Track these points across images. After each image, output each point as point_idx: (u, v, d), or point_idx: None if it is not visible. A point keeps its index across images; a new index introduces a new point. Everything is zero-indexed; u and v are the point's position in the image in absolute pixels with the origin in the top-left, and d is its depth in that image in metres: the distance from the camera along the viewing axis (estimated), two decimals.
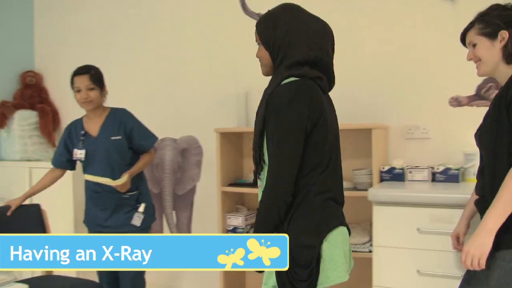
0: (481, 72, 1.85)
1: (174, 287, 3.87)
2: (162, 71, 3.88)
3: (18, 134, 4.25)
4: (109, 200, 2.82)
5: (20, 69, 4.53)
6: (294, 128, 1.61)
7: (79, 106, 2.89)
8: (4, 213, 2.85)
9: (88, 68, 2.87)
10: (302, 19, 1.73)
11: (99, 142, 2.82)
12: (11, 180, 4.12)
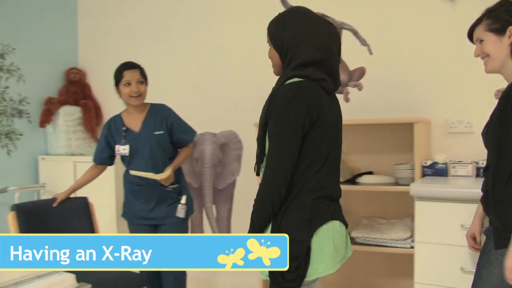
0: (488, 69, 1.84)
1: (213, 282, 3.92)
2: (203, 66, 3.92)
3: (63, 130, 4.37)
4: (152, 193, 2.87)
5: (65, 66, 4.66)
6: (291, 126, 1.70)
7: (125, 101, 2.93)
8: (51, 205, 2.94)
9: (135, 63, 2.94)
10: (309, 21, 1.81)
11: (143, 138, 2.87)
12: (57, 173, 4.24)
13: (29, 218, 2.77)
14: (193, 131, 3.04)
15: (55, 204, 2.94)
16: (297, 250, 1.71)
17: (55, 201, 2.96)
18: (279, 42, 1.84)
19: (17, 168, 4.29)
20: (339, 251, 1.85)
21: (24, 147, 4.32)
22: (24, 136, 4.31)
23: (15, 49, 4.20)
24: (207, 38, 3.90)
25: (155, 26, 4.21)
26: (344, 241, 1.91)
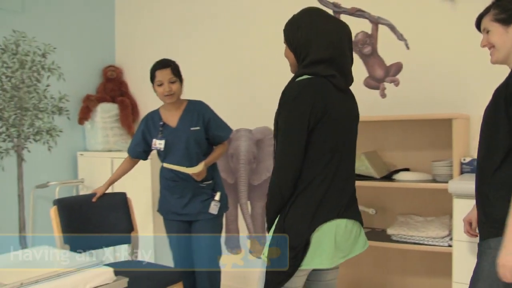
0: (494, 59, 1.83)
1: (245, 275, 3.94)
2: (238, 62, 3.93)
3: (101, 126, 4.46)
4: (186, 189, 2.90)
5: (102, 64, 4.75)
6: (296, 123, 1.79)
7: (160, 99, 2.98)
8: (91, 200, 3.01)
9: (167, 61, 2.95)
10: (321, 21, 1.91)
11: (179, 133, 2.91)
12: (95, 169, 4.34)
13: (70, 213, 2.84)
14: (229, 128, 3.05)
15: (95, 199, 3.01)
16: (295, 242, 1.81)
17: (95, 196, 3.02)
18: (293, 42, 1.95)
19: (57, 163, 4.41)
20: (342, 248, 1.91)
21: (63, 144, 4.43)
22: (64, 132, 4.41)
23: (55, 49, 4.31)
24: (243, 34, 3.91)
25: (190, 23, 4.24)
26: (351, 238, 1.96)
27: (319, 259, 1.84)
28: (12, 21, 4.06)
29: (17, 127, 4.08)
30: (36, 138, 4.21)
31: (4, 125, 3.99)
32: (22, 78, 4.09)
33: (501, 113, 1.69)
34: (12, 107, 4.03)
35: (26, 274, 1.93)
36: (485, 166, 1.76)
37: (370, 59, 3.26)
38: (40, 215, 4.25)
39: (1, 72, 3.96)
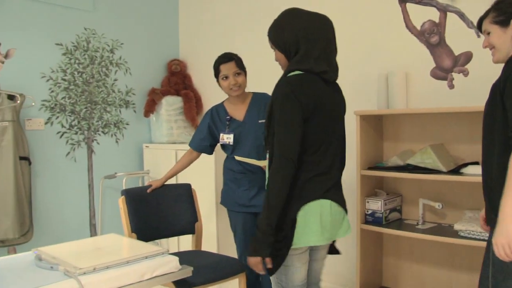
0: (495, 59, 1.93)
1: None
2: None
3: (165, 119, 4.57)
4: (254, 181, 2.90)
5: (167, 58, 4.86)
6: (293, 114, 1.89)
7: (226, 93, 2.98)
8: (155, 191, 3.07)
9: (231, 55, 2.95)
10: (304, 19, 2.01)
11: (247, 126, 2.91)
12: (160, 161, 4.45)
13: (137, 203, 2.92)
14: None
15: (150, 190, 3.04)
16: (282, 222, 1.92)
17: (150, 187, 3.06)
18: (282, 44, 2.03)
19: (124, 155, 4.56)
20: (327, 228, 2.00)
21: (130, 136, 4.58)
22: (130, 125, 4.56)
23: (122, 44, 4.45)
24: None
25: (252, 17, 4.26)
26: (336, 220, 2.05)
27: (306, 237, 1.95)
28: (84, 20, 4.23)
29: (88, 120, 4.25)
30: (105, 131, 4.38)
31: (76, 118, 4.17)
32: (92, 73, 4.25)
33: (498, 107, 1.78)
34: (83, 101, 4.20)
35: (98, 260, 2.01)
36: (487, 157, 1.87)
37: (437, 49, 3.15)
38: (108, 204, 4.42)
39: (73, 68, 4.14)
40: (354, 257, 3.26)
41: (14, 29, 3.83)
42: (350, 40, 3.58)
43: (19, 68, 3.84)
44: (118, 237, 2.56)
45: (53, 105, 4.05)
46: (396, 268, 3.34)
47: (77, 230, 4.23)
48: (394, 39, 3.33)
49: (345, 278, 3.68)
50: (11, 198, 3.62)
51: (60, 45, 4.08)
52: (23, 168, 3.76)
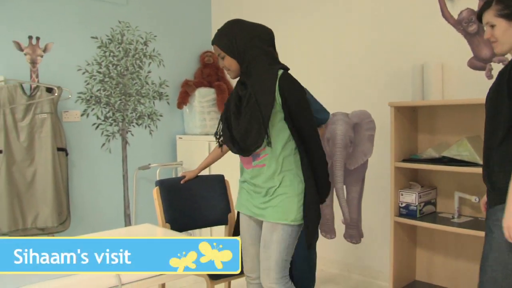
0: (498, 51, 1.96)
1: (353, 264, 3.91)
2: (335, 44, 3.88)
3: (198, 110, 4.60)
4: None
5: (200, 50, 4.88)
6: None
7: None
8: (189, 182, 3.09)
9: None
10: (252, 27, 2.23)
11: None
12: (193, 152, 4.49)
13: (171, 194, 2.95)
14: (327, 112, 3.01)
15: (184, 181, 3.06)
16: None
17: (184, 178, 3.07)
18: (235, 50, 2.15)
19: (157, 146, 4.61)
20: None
21: (163, 127, 4.63)
22: (164, 117, 4.61)
23: (156, 37, 4.49)
24: (341, 14, 3.84)
25: (286, 8, 4.24)
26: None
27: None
28: (118, 13, 4.28)
29: (122, 112, 4.31)
30: (139, 122, 4.43)
31: (110, 110, 4.24)
32: (126, 65, 4.31)
33: (503, 94, 1.83)
34: (117, 93, 4.26)
35: None
36: (490, 142, 1.94)
37: (476, 38, 3.07)
38: (142, 195, 4.49)
39: (108, 60, 4.20)
40: (386, 250, 3.23)
41: (51, 24, 3.91)
42: (384, 31, 3.53)
43: (57, 62, 3.92)
44: (152, 227, 2.60)
45: (88, 97, 4.12)
46: (430, 262, 3.30)
47: (112, 220, 4.31)
48: (430, 29, 3.27)
49: (377, 271, 3.65)
50: (50, 188, 3.72)
51: (96, 38, 4.15)
52: (61, 159, 3.85)
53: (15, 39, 3.70)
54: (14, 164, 3.65)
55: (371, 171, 3.65)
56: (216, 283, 2.53)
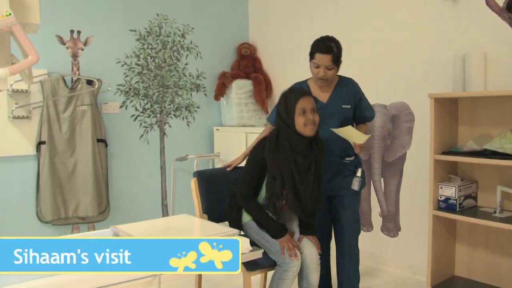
0: None
1: (390, 257, 3.87)
2: (373, 34, 3.82)
3: (235, 102, 4.61)
4: (330, 164, 2.85)
5: (236, 42, 4.89)
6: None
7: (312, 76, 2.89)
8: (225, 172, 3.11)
9: (330, 47, 2.73)
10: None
11: (330, 109, 2.82)
12: (230, 143, 4.51)
13: (208, 184, 2.97)
14: (373, 110, 2.96)
15: (230, 169, 3.06)
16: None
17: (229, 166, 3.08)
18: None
19: (195, 138, 4.66)
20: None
21: (201, 119, 4.66)
22: (201, 108, 4.64)
23: (193, 29, 4.52)
24: (380, 4, 3.78)
25: (322, 1, 4.20)
26: None
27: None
28: (156, 6, 4.33)
29: (160, 104, 4.36)
30: (176, 114, 4.48)
31: (149, 102, 4.30)
32: (164, 57, 4.36)
33: None
34: (155, 85, 4.32)
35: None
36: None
37: None
38: (179, 185, 4.55)
39: (146, 53, 4.25)
40: (425, 244, 3.17)
41: (92, 18, 3.99)
42: (424, 20, 3.45)
43: (97, 55, 4.00)
44: (190, 218, 2.62)
45: (127, 89, 4.19)
46: (470, 258, 3.22)
47: (150, 210, 4.38)
48: (472, 17, 3.18)
49: (415, 265, 3.60)
50: (90, 178, 3.81)
51: (134, 31, 4.20)
52: (100, 150, 3.93)
53: (57, 33, 3.79)
54: (56, 155, 3.76)
55: (410, 164, 3.59)
56: (253, 274, 2.54)
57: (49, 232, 3.81)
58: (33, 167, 3.77)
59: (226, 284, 3.54)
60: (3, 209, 3.68)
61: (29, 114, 3.71)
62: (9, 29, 1.65)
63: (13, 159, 3.71)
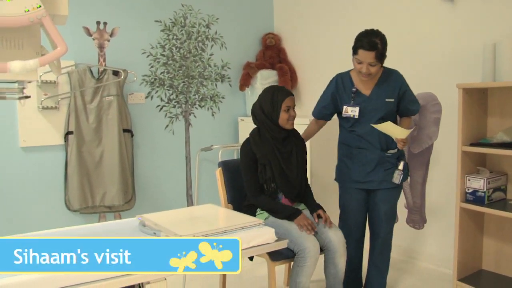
0: None
1: (416, 250, 3.84)
2: (401, 25, 3.76)
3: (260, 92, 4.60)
4: (372, 157, 2.82)
5: (261, 32, 4.88)
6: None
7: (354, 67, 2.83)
8: None
9: (374, 44, 2.66)
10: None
11: (372, 102, 2.79)
12: None
13: (233, 175, 2.99)
14: (418, 103, 2.91)
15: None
16: None
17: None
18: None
19: (219, 128, 4.68)
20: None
21: (225, 109, 4.66)
22: (226, 99, 4.64)
23: (218, 19, 4.51)
24: None
25: None
26: None
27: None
28: None
29: (185, 94, 4.38)
30: (201, 104, 4.49)
31: (174, 92, 4.31)
32: (189, 48, 4.36)
33: None
34: (180, 75, 4.33)
35: (197, 228, 2.09)
36: None
37: None
38: (204, 175, 4.57)
39: (171, 43, 4.26)
40: (451, 237, 3.13)
41: (118, 9, 4.02)
42: (453, 8, 3.38)
43: (123, 46, 4.04)
44: (215, 207, 2.64)
45: (152, 80, 4.21)
46: (498, 252, 3.17)
47: (175, 199, 4.42)
48: (503, 4, 3.10)
49: (440, 258, 3.57)
50: (116, 168, 3.86)
51: (159, 22, 4.21)
52: (126, 140, 3.98)
53: (84, 25, 3.83)
54: (83, 144, 3.81)
55: (436, 155, 3.54)
56: (277, 264, 2.55)
57: (77, 220, 3.89)
58: (62, 157, 3.84)
59: (251, 274, 3.56)
60: (33, 197, 3.77)
61: (57, 105, 3.77)
62: (40, 21, 1.67)
63: (42, 148, 3.78)
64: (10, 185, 3.70)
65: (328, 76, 3.08)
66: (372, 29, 2.73)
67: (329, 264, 2.64)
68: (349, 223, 2.95)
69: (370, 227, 2.98)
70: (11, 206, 3.70)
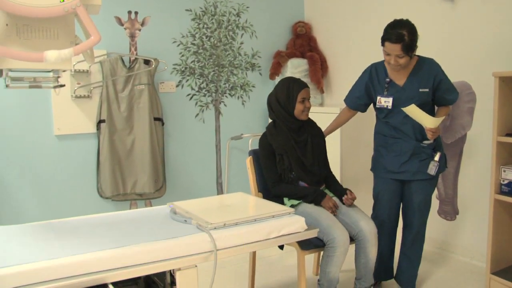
0: None
1: (448, 242, 3.79)
2: (434, 12, 3.69)
3: None
4: (406, 147, 2.78)
5: (292, 20, 4.84)
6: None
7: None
8: None
9: (401, 36, 2.58)
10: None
11: (406, 93, 2.74)
12: None
13: None
14: (457, 92, 2.82)
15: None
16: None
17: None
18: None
19: (249, 117, 4.68)
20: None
21: (255, 98, 4.67)
22: (256, 87, 4.65)
23: (248, 8, 4.50)
24: None
25: None
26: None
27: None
28: None
29: (215, 83, 4.40)
30: (231, 93, 4.51)
31: (204, 81, 4.34)
32: (219, 37, 4.37)
33: None
34: (211, 64, 4.35)
35: (227, 216, 2.10)
36: None
37: None
38: (234, 164, 4.59)
39: (202, 32, 4.28)
40: (484, 229, 3.07)
41: None
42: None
43: (153, 35, 4.06)
44: (245, 196, 2.65)
45: (183, 69, 4.24)
46: None
47: (205, 188, 4.45)
48: None
49: (473, 250, 3.51)
50: (147, 156, 3.91)
51: (190, 11, 4.23)
52: (157, 129, 4.02)
53: (116, 15, 3.87)
54: (115, 132, 3.87)
55: (470, 146, 3.47)
56: (307, 253, 2.55)
57: (109, 207, 3.96)
58: (94, 145, 3.90)
59: (280, 262, 3.57)
60: (67, 185, 3.85)
61: (89, 94, 3.83)
62: (74, 11, 1.70)
63: (75, 137, 3.85)
64: (45, 173, 3.78)
65: (359, 65, 3.04)
66: (400, 20, 2.66)
67: (360, 254, 2.63)
68: (382, 213, 2.92)
69: (403, 218, 2.95)
70: (46, 193, 3.79)
